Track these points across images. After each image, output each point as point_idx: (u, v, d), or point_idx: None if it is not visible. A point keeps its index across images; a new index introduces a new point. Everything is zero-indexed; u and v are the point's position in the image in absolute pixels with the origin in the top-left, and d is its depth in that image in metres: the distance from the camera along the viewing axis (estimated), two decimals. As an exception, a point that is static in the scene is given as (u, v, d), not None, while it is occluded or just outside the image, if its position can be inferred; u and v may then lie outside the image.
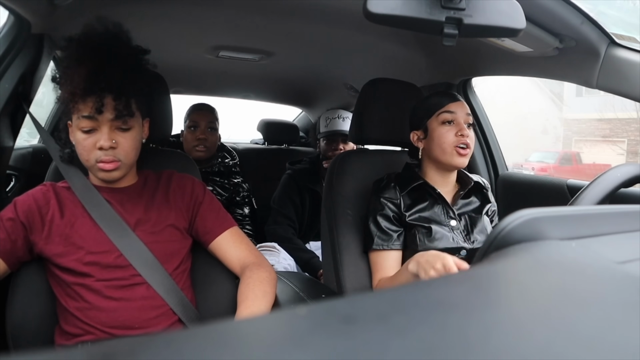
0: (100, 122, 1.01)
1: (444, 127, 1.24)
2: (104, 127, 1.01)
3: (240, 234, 1.19)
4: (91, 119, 1.00)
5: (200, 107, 2.12)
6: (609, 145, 14.73)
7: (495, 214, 1.38)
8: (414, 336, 0.22)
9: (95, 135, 1.01)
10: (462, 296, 0.27)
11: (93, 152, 1.01)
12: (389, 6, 0.68)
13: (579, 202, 0.78)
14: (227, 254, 1.16)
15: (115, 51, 1.02)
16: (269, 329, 0.24)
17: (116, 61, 1.01)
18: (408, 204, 1.27)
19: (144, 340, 0.21)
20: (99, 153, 1.01)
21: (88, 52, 1.00)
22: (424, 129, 1.28)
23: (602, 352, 0.21)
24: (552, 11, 1.05)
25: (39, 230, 1.03)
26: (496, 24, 0.71)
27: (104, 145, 1.00)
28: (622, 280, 0.31)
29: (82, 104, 0.99)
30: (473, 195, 1.33)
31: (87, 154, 1.02)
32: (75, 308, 1.01)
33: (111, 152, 1.02)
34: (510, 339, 0.22)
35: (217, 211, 1.18)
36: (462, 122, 1.23)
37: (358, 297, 0.26)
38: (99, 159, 1.02)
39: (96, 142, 1.01)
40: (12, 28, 1.26)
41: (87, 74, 0.98)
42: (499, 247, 0.36)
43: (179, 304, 1.07)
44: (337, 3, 1.36)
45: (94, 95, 0.98)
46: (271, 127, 2.92)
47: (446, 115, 1.24)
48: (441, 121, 1.24)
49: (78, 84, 0.97)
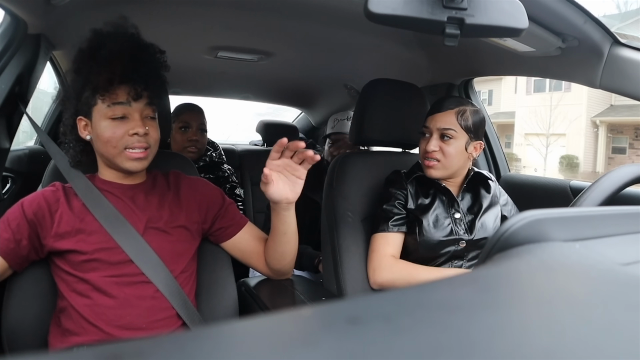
0: (132, 109, 1.04)
1: (421, 138, 1.34)
2: (135, 114, 1.05)
3: (255, 226, 1.27)
4: (125, 105, 1.03)
5: (191, 108, 2.10)
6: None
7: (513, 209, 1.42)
8: (418, 337, 0.22)
9: (127, 123, 1.04)
10: (466, 297, 0.27)
11: (124, 139, 1.04)
12: (390, 6, 0.68)
13: (581, 203, 0.77)
14: (251, 243, 1.23)
15: (145, 45, 1.07)
16: (275, 330, 0.24)
17: (147, 54, 1.07)
18: (413, 193, 1.34)
19: (151, 341, 0.21)
20: (131, 140, 1.04)
21: (124, 43, 1.04)
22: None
23: (606, 354, 0.21)
24: (554, 10, 1.05)
25: (48, 228, 1.03)
26: (498, 24, 0.71)
27: (139, 131, 1.04)
28: (626, 282, 0.31)
29: (118, 91, 1.03)
30: (481, 188, 1.37)
31: (116, 142, 1.04)
32: (82, 304, 1.01)
33: (144, 139, 1.05)
34: (515, 340, 0.22)
35: (234, 208, 1.25)
36: (434, 134, 1.29)
37: (363, 298, 0.26)
38: (131, 145, 1.04)
39: (128, 130, 1.04)
40: (9, 28, 1.25)
41: (124, 62, 1.02)
42: (502, 249, 0.35)
43: (182, 306, 1.07)
44: (337, 3, 1.35)
45: (129, 82, 1.03)
46: (270, 128, 2.92)
47: (424, 129, 1.33)
48: (420, 131, 1.34)
49: (115, 71, 1.01)
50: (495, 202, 1.37)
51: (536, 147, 18.96)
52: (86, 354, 0.20)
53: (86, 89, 1.04)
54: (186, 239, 1.13)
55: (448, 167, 1.29)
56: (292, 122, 3.46)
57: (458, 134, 1.27)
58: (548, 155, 18.81)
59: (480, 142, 1.32)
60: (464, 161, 1.31)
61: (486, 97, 21.03)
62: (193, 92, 2.83)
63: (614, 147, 18.40)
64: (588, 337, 0.23)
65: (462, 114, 1.27)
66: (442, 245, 1.28)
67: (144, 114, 1.07)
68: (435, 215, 1.31)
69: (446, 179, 1.33)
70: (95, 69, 1.02)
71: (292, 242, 1.18)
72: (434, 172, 1.30)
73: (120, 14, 1.07)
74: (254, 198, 2.66)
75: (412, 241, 1.31)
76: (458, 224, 1.31)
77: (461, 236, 1.29)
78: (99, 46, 1.04)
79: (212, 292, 1.22)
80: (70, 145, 1.10)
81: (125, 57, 1.03)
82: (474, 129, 1.28)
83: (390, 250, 1.30)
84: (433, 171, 1.30)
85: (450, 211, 1.32)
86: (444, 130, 1.27)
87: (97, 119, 1.05)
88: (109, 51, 1.03)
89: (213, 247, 1.25)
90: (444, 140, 1.27)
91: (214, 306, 1.22)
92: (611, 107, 18.09)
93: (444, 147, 1.27)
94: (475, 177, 1.37)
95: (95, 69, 1.02)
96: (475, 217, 1.32)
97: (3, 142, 1.34)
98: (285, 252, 1.19)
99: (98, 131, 1.05)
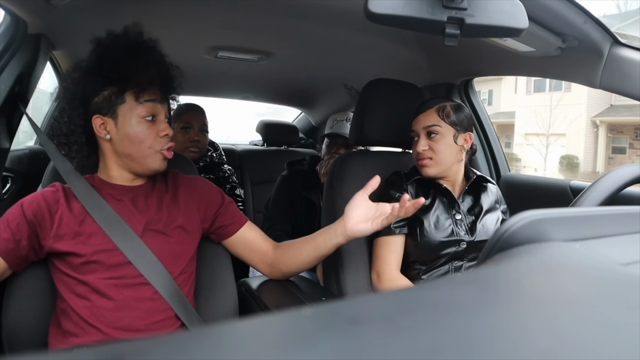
0: (159, 110, 1.07)
1: (413, 142, 1.37)
2: (162, 115, 1.08)
3: (255, 225, 1.28)
4: (156, 103, 1.06)
5: (193, 108, 2.10)
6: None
7: (507, 213, 1.42)
8: (418, 337, 0.22)
9: (156, 124, 1.07)
10: (466, 297, 0.27)
11: (157, 140, 1.06)
12: (390, 6, 0.68)
13: (581, 203, 0.77)
14: (255, 240, 1.24)
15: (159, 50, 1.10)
16: (275, 330, 0.24)
17: (164, 58, 1.10)
18: (414, 194, 1.34)
19: (151, 342, 0.21)
20: (163, 141, 1.07)
21: (149, 44, 1.07)
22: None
23: (606, 354, 0.21)
24: (554, 10, 1.05)
25: (47, 229, 1.03)
26: (498, 24, 0.71)
27: (169, 133, 1.08)
28: (626, 282, 0.31)
29: (152, 90, 1.05)
30: (483, 191, 1.38)
31: (151, 142, 1.06)
32: (81, 306, 1.01)
33: (169, 140, 1.10)
34: (514, 340, 0.22)
35: (234, 206, 1.25)
36: (421, 135, 1.33)
37: (363, 298, 0.26)
38: (165, 146, 1.08)
39: (159, 131, 1.07)
40: (9, 28, 1.25)
41: (159, 66, 1.06)
42: (502, 249, 0.35)
43: (181, 307, 1.07)
44: (337, 3, 1.35)
45: (163, 85, 1.08)
46: (270, 128, 2.91)
47: (412, 133, 1.37)
48: (411, 136, 1.38)
49: (155, 72, 1.04)
50: (496, 207, 1.38)
51: (536, 147, 18.96)
52: (86, 354, 0.20)
53: (110, 86, 1.04)
54: (185, 240, 1.13)
55: (441, 163, 1.31)
56: (292, 122, 3.45)
57: (443, 129, 1.31)
58: (548, 155, 18.82)
59: (469, 133, 1.34)
60: (456, 154, 1.33)
61: (486, 97, 21.04)
62: (193, 92, 2.83)
63: (614, 147, 18.40)
64: (588, 337, 0.23)
65: (443, 109, 1.31)
66: (442, 246, 1.29)
67: (166, 116, 1.10)
68: (436, 216, 1.31)
69: (443, 176, 1.34)
70: (134, 67, 1.03)
71: (317, 261, 1.22)
72: (429, 170, 1.32)
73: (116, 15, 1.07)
74: (254, 198, 2.66)
75: (413, 242, 1.31)
76: (459, 225, 1.31)
77: (462, 237, 1.30)
78: (137, 48, 1.05)
79: (212, 292, 1.22)
80: (76, 148, 1.07)
81: (160, 61, 1.07)
82: (458, 122, 1.31)
83: (394, 258, 1.31)
84: (427, 169, 1.32)
85: (451, 212, 1.32)
86: (428, 128, 1.31)
87: (125, 117, 1.05)
88: (148, 54, 1.05)
89: (213, 247, 1.25)
90: (431, 138, 1.31)
91: (214, 306, 1.22)
92: (611, 107, 18.10)
93: (432, 144, 1.31)
94: (478, 181, 1.38)
95: (134, 67, 1.03)
96: (476, 219, 1.33)
97: (3, 142, 1.34)
98: (305, 265, 1.22)
99: (128, 130, 1.05)
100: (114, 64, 1.02)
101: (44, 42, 1.37)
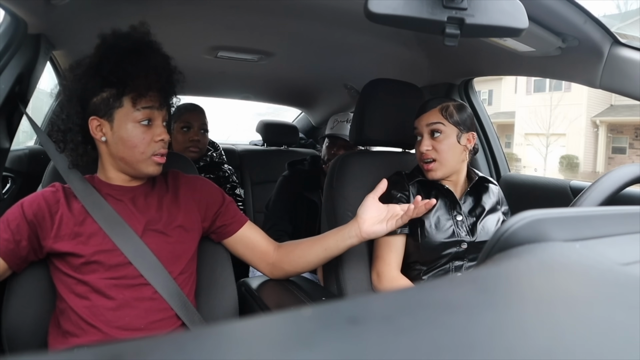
0: (156, 115, 1.06)
1: (416, 142, 1.36)
2: (159, 119, 1.07)
3: (256, 225, 1.28)
4: (153, 110, 1.04)
5: (193, 108, 2.10)
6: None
7: (508, 214, 1.42)
8: (418, 337, 0.22)
9: (152, 129, 1.05)
10: (466, 297, 0.27)
11: (151, 145, 1.05)
12: (390, 6, 0.68)
13: (581, 203, 0.77)
14: (255, 239, 1.25)
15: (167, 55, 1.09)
16: (275, 330, 0.24)
17: (167, 62, 1.08)
18: (415, 195, 1.33)
19: (151, 341, 0.21)
20: (157, 146, 1.06)
21: (152, 47, 1.06)
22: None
23: (606, 354, 0.21)
24: (554, 10, 1.05)
25: (48, 229, 1.03)
26: (498, 24, 0.71)
27: (165, 138, 1.07)
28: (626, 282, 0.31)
29: (151, 96, 1.04)
30: (484, 192, 1.38)
31: (144, 147, 1.05)
32: (81, 306, 1.01)
33: (165, 145, 1.08)
34: (514, 340, 0.22)
35: (234, 206, 1.25)
36: (424, 134, 1.32)
37: (363, 298, 0.26)
38: (157, 151, 1.06)
39: (154, 136, 1.05)
40: (9, 28, 1.25)
41: (159, 71, 1.04)
42: (502, 249, 0.35)
43: (182, 307, 1.07)
44: (337, 3, 1.35)
45: (162, 91, 1.06)
46: (270, 128, 2.91)
47: (414, 131, 1.36)
48: (414, 135, 1.37)
49: (153, 78, 1.02)
50: (497, 208, 1.38)
51: (536, 147, 18.95)
52: (86, 354, 0.20)
53: (109, 88, 1.03)
54: (185, 240, 1.13)
55: (445, 164, 1.31)
56: (292, 122, 3.45)
57: (447, 128, 1.30)
58: (548, 155, 18.81)
59: (472, 132, 1.34)
60: (460, 154, 1.32)
61: (486, 97, 21.03)
62: (193, 92, 2.83)
63: (614, 147, 18.40)
64: (588, 337, 0.23)
65: (446, 109, 1.31)
66: (443, 247, 1.29)
67: (164, 120, 1.09)
68: (437, 217, 1.31)
69: (448, 177, 1.34)
70: (133, 72, 1.01)
71: (325, 262, 1.23)
72: (434, 173, 1.32)
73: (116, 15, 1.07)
74: (254, 198, 2.66)
75: (414, 243, 1.31)
76: (460, 226, 1.31)
77: (463, 238, 1.30)
78: (138, 50, 1.04)
79: (212, 292, 1.22)
80: (71, 147, 1.08)
81: (162, 65, 1.06)
82: (461, 121, 1.31)
83: (395, 258, 1.31)
84: (433, 173, 1.32)
85: (452, 213, 1.32)
86: (432, 125, 1.30)
87: (121, 121, 1.04)
88: (137, 53, 1.03)
89: (213, 247, 1.25)
90: (434, 138, 1.30)
91: (214, 306, 1.21)
92: (611, 107, 18.09)
93: (436, 145, 1.30)
94: (480, 182, 1.38)
95: (133, 72, 1.01)
96: (477, 220, 1.33)
97: (3, 142, 1.34)
98: (312, 265, 1.23)
99: (123, 134, 1.04)
100: (114, 66, 1.02)
101: (44, 42, 1.37)
